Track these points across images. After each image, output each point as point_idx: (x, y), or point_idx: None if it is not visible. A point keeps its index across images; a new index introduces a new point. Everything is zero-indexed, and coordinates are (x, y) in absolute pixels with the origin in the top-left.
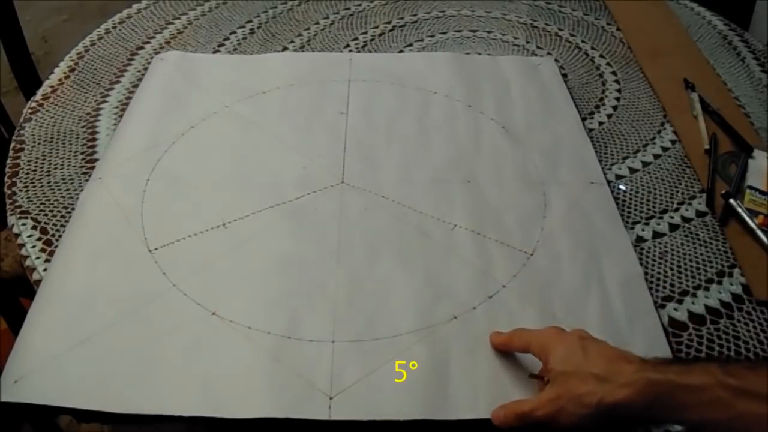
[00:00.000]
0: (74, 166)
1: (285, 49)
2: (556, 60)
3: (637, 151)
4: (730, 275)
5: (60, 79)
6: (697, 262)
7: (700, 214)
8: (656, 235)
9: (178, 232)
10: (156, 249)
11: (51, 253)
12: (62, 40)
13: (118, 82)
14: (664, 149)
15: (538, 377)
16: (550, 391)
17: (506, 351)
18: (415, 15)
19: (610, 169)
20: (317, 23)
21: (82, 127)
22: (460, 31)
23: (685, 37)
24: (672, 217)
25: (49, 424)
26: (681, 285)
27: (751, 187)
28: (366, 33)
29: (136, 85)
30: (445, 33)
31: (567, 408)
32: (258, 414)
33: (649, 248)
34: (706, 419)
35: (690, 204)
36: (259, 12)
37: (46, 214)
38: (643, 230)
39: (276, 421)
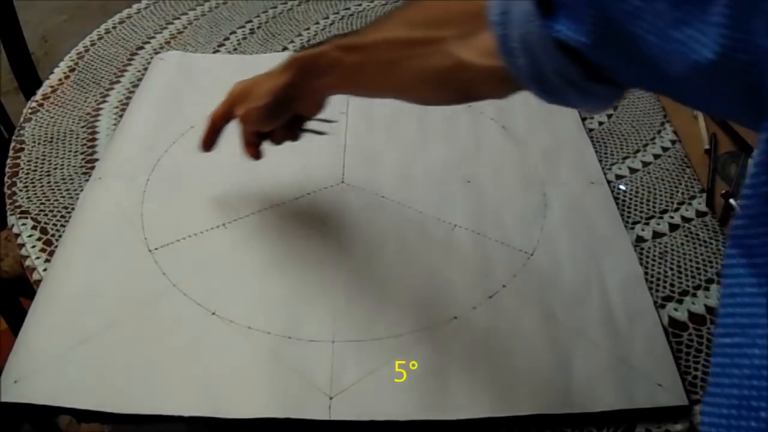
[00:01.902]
0: (74, 166)
1: (285, 49)
2: None
3: (637, 151)
4: None
5: (60, 79)
6: (697, 262)
7: (700, 214)
8: (656, 235)
9: (178, 232)
10: (156, 249)
11: (51, 253)
12: (62, 40)
13: (118, 82)
14: (664, 149)
15: None
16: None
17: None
18: None
19: (610, 169)
20: (317, 23)
21: (82, 127)
22: None
23: None
24: (672, 217)
25: (49, 424)
26: (681, 285)
27: None
28: None
29: (136, 85)
30: None
31: (247, 101)
32: (258, 414)
33: (649, 248)
34: (330, 81)
35: (690, 204)
36: (259, 12)
37: (46, 214)
38: (643, 230)
39: (276, 421)
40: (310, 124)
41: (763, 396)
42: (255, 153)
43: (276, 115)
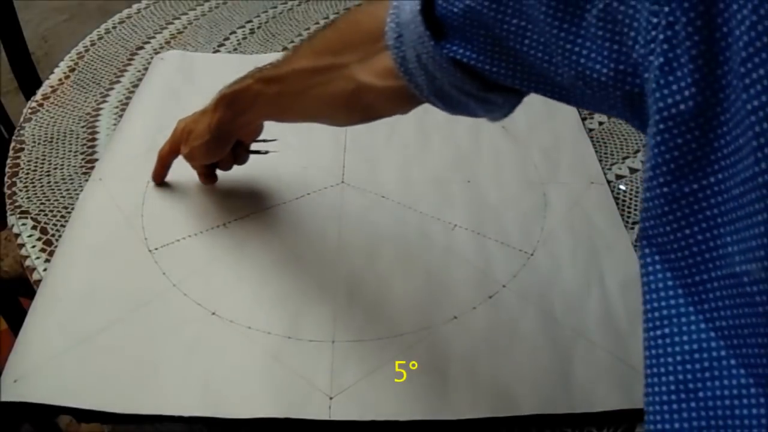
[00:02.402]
0: (74, 166)
1: (285, 49)
2: None
3: (637, 151)
4: None
5: (60, 79)
6: None
7: None
8: None
9: (178, 232)
10: (156, 249)
11: (51, 253)
12: (62, 40)
13: (118, 82)
14: None
15: None
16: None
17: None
18: None
19: (610, 169)
20: (317, 23)
21: (82, 127)
22: None
23: None
24: None
25: (49, 424)
26: None
27: None
28: None
29: (136, 85)
30: None
31: (189, 141)
32: (258, 414)
33: None
34: (257, 112)
35: None
36: (259, 12)
37: (46, 214)
38: None
39: (276, 421)
40: (253, 146)
41: (698, 378)
42: (210, 181)
43: (217, 149)
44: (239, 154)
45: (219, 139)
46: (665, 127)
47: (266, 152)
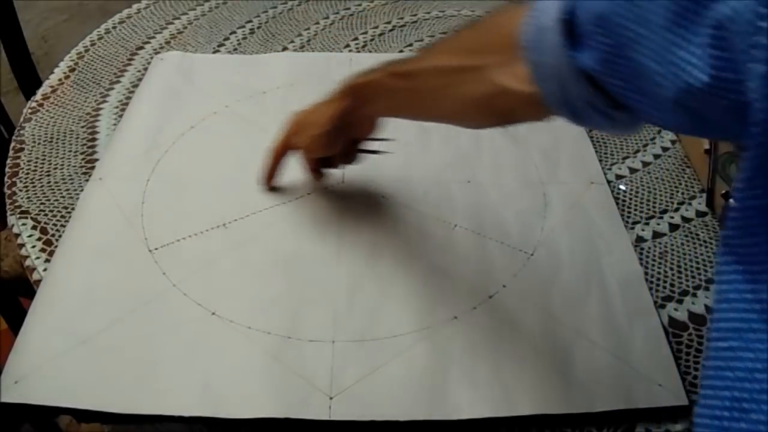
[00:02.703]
0: (74, 166)
1: (285, 49)
2: None
3: (637, 151)
4: None
5: (60, 79)
6: (697, 262)
7: (700, 214)
8: (656, 235)
9: (178, 232)
10: (156, 249)
11: (51, 253)
12: (62, 40)
13: (118, 82)
14: (664, 149)
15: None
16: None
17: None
18: (415, 15)
19: (610, 169)
20: (317, 23)
21: (82, 127)
22: None
23: None
24: (672, 217)
25: (49, 424)
26: (681, 285)
27: None
28: (366, 33)
29: (136, 85)
30: (445, 33)
31: (307, 131)
32: (258, 414)
33: (649, 248)
34: (381, 106)
35: (690, 204)
36: (259, 12)
37: (46, 214)
38: (643, 230)
39: (276, 421)
40: (365, 145)
41: (754, 398)
42: (319, 176)
43: (335, 140)
44: (351, 151)
45: (339, 129)
46: (765, 140)
47: (377, 152)
